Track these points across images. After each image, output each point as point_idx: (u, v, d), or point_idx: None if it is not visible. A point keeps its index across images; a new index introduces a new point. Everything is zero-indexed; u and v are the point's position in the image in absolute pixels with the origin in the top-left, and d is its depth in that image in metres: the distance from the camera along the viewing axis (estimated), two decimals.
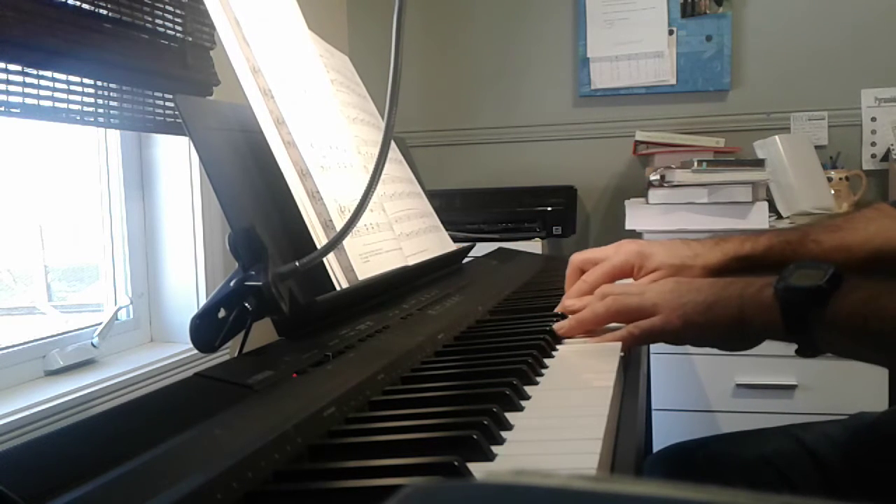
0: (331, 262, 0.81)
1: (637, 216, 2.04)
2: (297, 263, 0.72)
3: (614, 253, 0.90)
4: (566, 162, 2.52)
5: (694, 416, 1.95)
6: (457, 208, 2.25)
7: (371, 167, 0.72)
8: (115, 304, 1.58)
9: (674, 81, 2.43)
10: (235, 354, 0.69)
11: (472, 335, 0.84)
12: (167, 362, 1.50)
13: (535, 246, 2.09)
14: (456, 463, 0.44)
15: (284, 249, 0.78)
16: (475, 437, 0.47)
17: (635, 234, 2.02)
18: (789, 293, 0.66)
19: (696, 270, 0.87)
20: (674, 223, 1.97)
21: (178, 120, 1.05)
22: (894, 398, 1.85)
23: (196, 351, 0.68)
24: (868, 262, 0.84)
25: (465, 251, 1.27)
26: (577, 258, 0.94)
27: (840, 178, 2.22)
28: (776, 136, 2.18)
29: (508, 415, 0.54)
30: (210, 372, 0.59)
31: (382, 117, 0.71)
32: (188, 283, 1.66)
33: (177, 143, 1.63)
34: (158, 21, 1.45)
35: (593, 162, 2.51)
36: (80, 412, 1.25)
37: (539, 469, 0.35)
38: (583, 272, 0.91)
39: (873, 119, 2.31)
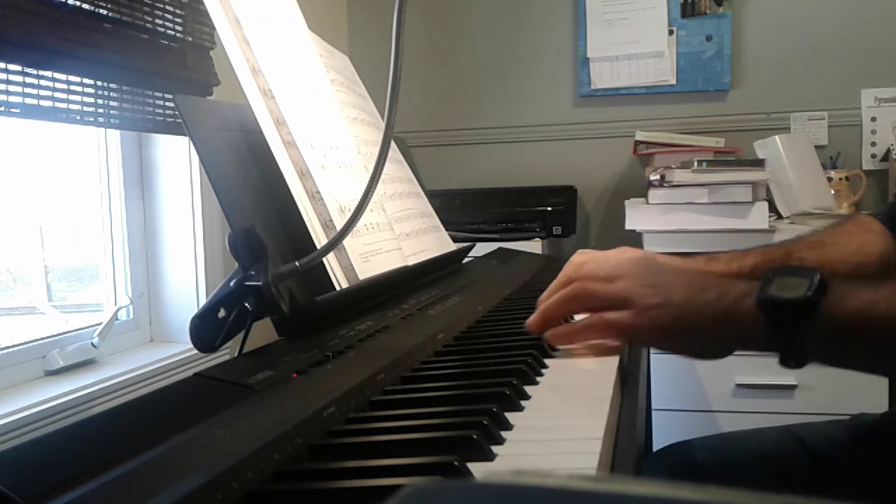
0: (331, 262, 0.81)
1: (637, 216, 2.04)
2: (297, 263, 0.72)
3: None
4: (566, 162, 2.52)
5: (694, 416, 1.95)
6: (457, 208, 2.24)
7: (371, 167, 0.72)
8: (115, 304, 1.58)
9: (674, 81, 2.43)
10: (235, 354, 0.69)
11: (472, 335, 0.84)
12: (167, 362, 1.50)
13: (535, 246, 2.09)
14: (456, 463, 0.44)
15: (284, 249, 0.78)
16: (475, 437, 0.47)
17: (635, 234, 2.02)
18: (775, 307, 0.61)
19: None
20: (674, 223, 1.97)
21: (178, 120, 1.05)
22: (895, 399, 1.85)
23: (196, 351, 0.68)
24: (849, 279, 0.79)
25: (465, 251, 1.27)
26: (577, 258, 0.89)
27: (840, 178, 2.22)
28: (776, 136, 2.18)
29: (508, 415, 0.55)
30: (210, 372, 0.59)
31: (382, 117, 0.71)
32: (188, 283, 1.66)
33: (177, 143, 1.63)
34: (158, 21, 1.45)
35: (593, 162, 2.51)
36: (80, 412, 1.25)
37: (539, 469, 0.35)
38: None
39: (873, 119, 2.31)
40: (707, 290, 0.66)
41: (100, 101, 1.33)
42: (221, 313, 0.70)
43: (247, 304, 0.69)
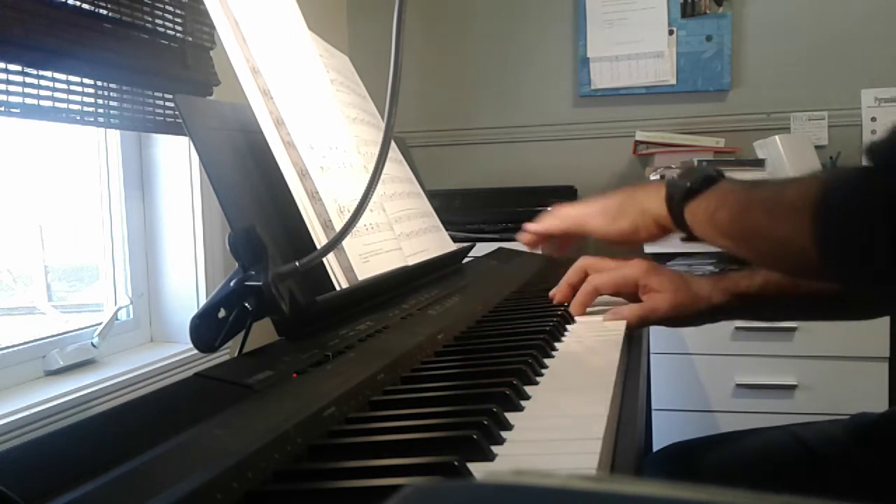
0: (331, 262, 0.81)
1: None
2: (297, 263, 0.71)
3: (625, 264, 0.92)
4: (566, 162, 2.52)
5: (694, 416, 1.95)
6: (457, 208, 2.24)
7: (371, 167, 0.72)
8: (115, 304, 1.58)
9: (674, 81, 2.43)
10: (235, 354, 0.69)
11: (472, 335, 0.84)
12: (167, 362, 1.50)
13: None
14: (456, 463, 0.44)
15: (284, 249, 0.78)
16: (475, 437, 0.47)
17: None
18: (671, 187, 0.82)
19: (700, 305, 0.90)
20: None
21: (178, 120, 1.05)
22: (895, 398, 1.85)
23: (196, 351, 0.68)
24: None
25: (465, 251, 1.27)
26: (585, 261, 0.97)
27: None
28: (776, 136, 2.18)
29: (508, 415, 0.54)
30: (210, 372, 0.59)
31: (382, 117, 0.71)
32: (188, 283, 1.66)
33: (177, 143, 1.63)
34: (158, 21, 1.45)
35: (593, 162, 2.51)
36: (80, 412, 1.25)
37: (539, 469, 0.35)
38: (586, 274, 0.94)
39: (873, 119, 2.31)
40: (637, 187, 0.91)
41: (100, 101, 1.33)
42: (221, 313, 0.70)
43: (247, 304, 0.69)
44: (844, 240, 0.62)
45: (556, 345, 0.78)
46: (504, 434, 0.51)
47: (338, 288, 0.80)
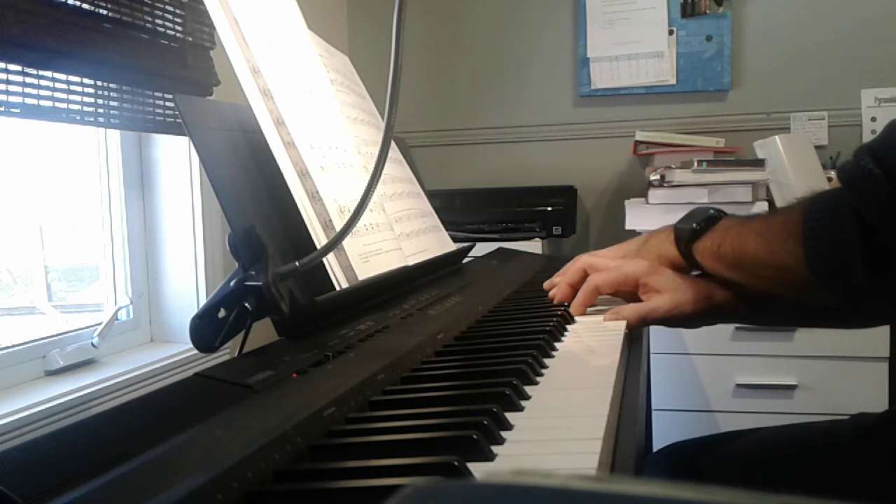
0: (331, 262, 0.81)
1: (637, 216, 2.04)
2: (297, 263, 0.71)
3: (625, 263, 0.92)
4: (566, 162, 2.53)
5: (694, 416, 1.95)
6: (457, 208, 2.25)
7: (371, 167, 0.72)
8: (115, 304, 1.58)
9: (674, 81, 2.43)
10: (235, 354, 0.69)
11: (472, 335, 0.84)
12: (167, 362, 1.50)
13: (535, 246, 2.09)
14: (456, 463, 0.44)
15: (284, 249, 0.78)
16: (475, 437, 0.47)
17: (635, 234, 2.02)
18: (678, 231, 0.90)
19: (700, 305, 0.89)
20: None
21: (178, 120, 1.05)
22: (894, 398, 1.85)
23: (196, 351, 0.68)
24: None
25: (465, 251, 1.27)
26: (583, 260, 0.97)
27: None
28: (776, 136, 2.18)
29: (508, 415, 0.54)
30: (210, 372, 0.59)
31: (382, 117, 0.71)
32: (188, 283, 1.66)
33: (177, 143, 1.63)
34: (158, 21, 1.45)
35: (593, 162, 2.51)
36: (80, 412, 1.25)
37: (539, 469, 0.35)
38: (586, 274, 0.94)
39: (873, 119, 2.31)
40: (648, 235, 0.98)
41: (100, 101, 1.33)
42: (221, 313, 0.70)
43: (247, 304, 0.69)
44: (827, 262, 0.66)
45: (556, 345, 0.78)
46: (504, 434, 0.51)
47: (338, 288, 0.80)
